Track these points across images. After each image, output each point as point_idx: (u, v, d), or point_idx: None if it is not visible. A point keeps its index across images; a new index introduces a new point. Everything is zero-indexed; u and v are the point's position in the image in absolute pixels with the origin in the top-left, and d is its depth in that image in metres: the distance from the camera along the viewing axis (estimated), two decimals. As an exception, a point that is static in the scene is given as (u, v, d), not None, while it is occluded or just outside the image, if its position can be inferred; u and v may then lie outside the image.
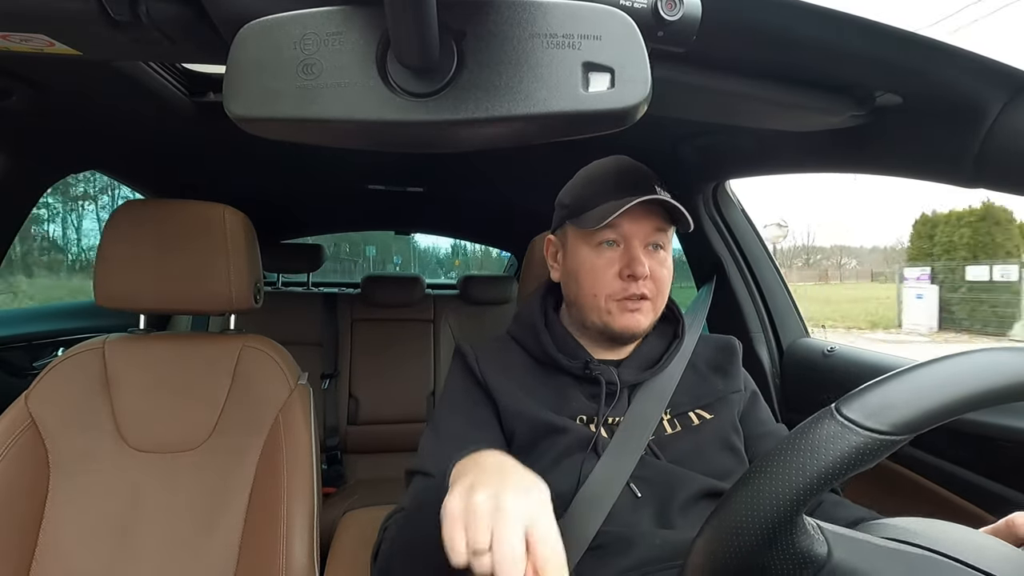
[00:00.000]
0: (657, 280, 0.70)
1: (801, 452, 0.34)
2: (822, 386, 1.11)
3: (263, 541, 0.84)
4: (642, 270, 0.68)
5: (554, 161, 0.81)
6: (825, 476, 0.33)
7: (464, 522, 0.40)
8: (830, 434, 0.33)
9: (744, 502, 0.34)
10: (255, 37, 0.30)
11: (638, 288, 0.69)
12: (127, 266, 0.90)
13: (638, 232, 0.69)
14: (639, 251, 0.69)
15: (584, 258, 0.72)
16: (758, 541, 0.34)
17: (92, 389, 0.89)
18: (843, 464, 0.33)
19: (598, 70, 0.30)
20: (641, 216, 0.69)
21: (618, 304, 0.70)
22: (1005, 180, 0.62)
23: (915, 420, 0.33)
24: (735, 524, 0.34)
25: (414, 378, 1.98)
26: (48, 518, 0.83)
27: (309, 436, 0.92)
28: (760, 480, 0.34)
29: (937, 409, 0.33)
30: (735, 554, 0.34)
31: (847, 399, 0.35)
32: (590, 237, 0.71)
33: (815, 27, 0.51)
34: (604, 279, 0.70)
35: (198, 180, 1.52)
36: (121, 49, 0.52)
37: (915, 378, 0.35)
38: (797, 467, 0.33)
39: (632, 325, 0.70)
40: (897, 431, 0.33)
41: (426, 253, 6.04)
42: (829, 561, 0.35)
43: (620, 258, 0.69)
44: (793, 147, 0.90)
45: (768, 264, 1.30)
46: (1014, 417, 0.75)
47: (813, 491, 0.33)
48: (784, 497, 0.33)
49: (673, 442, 0.69)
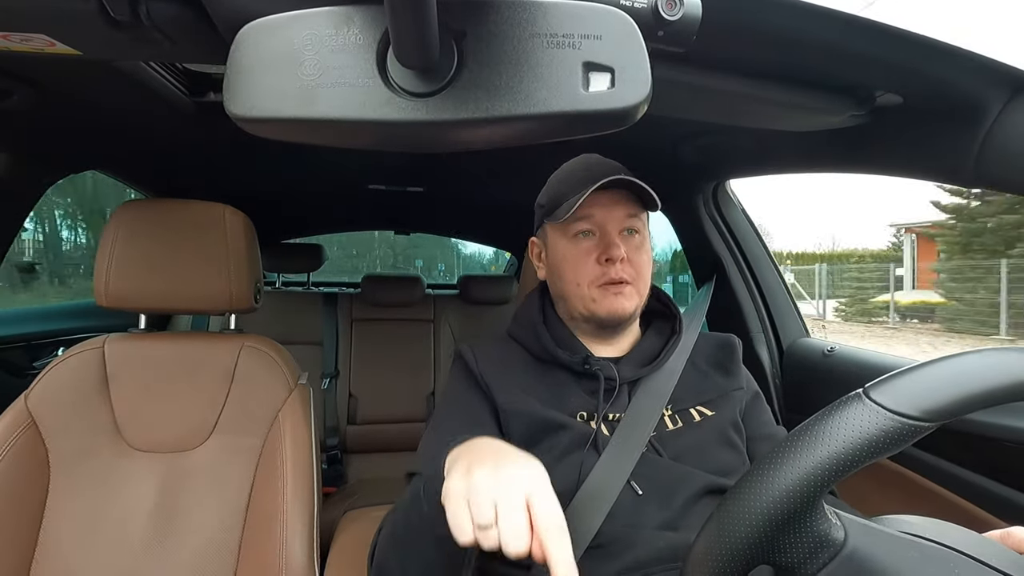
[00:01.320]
0: (636, 264, 0.72)
1: (829, 433, 0.34)
2: (822, 386, 1.11)
3: (263, 541, 0.84)
4: (618, 252, 0.70)
5: (554, 161, 0.81)
6: (852, 458, 0.33)
7: (467, 499, 0.41)
8: (859, 417, 0.34)
9: (768, 480, 0.35)
10: (255, 37, 0.30)
11: (617, 272, 0.70)
12: (127, 266, 0.90)
13: (610, 219, 0.72)
14: (614, 236, 0.72)
15: (563, 250, 0.74)
16: (775, 521, 0.34)
17: (92, 389, 0.89)
18: (871, 447, 0.33)
19: (598, 70, 0.30)
20: (612, 203, 0.71)
21: (600, 290, 0.71)
22: (1005, 180, 0.62)
23: (944, 408, 0.34)
24: (754, 503, 0.35)
25: (414, 378, 1.98)
26: (48, 518, 0.83)
27: (309, 436, 0.92)
28: (786, 458, 0.34)
29: (965, 399, 0.34)
30: (748, 533, 0.34)
31: (876, 384, 0.35)
32: (566, 230, 0.74)
33: (815, 27, 0.51)
34: (584, 267, 0.72)
35: (198, 180, 1.52)
36: (121, 49, 0.52)
37: (944, 368, 0.35)
38: (824, 447, 0.34)
39: (617, 308, 0.71)
40: (927, 417, 0.33)
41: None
42: (845, 546, 0.35)
43: (597, 246, 0.72)
44: (793, 147, 0.90)
45: (768, 264, 1.30)
46: (1015, 417, 0.75)
47: (839, 473, 0.33)
48: (809, 476, 0.33)
49: (674, 438, 0.69)
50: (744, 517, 0.35)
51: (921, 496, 0.89)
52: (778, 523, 0.34)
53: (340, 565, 0.93)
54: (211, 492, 0.88)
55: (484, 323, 2.10)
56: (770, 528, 0.34)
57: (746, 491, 0.35)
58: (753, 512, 0.34)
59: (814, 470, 0.33)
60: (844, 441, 0.33)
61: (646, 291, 0.75)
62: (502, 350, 0.77)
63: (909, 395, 0.34)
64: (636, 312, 0.74)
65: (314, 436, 0.93)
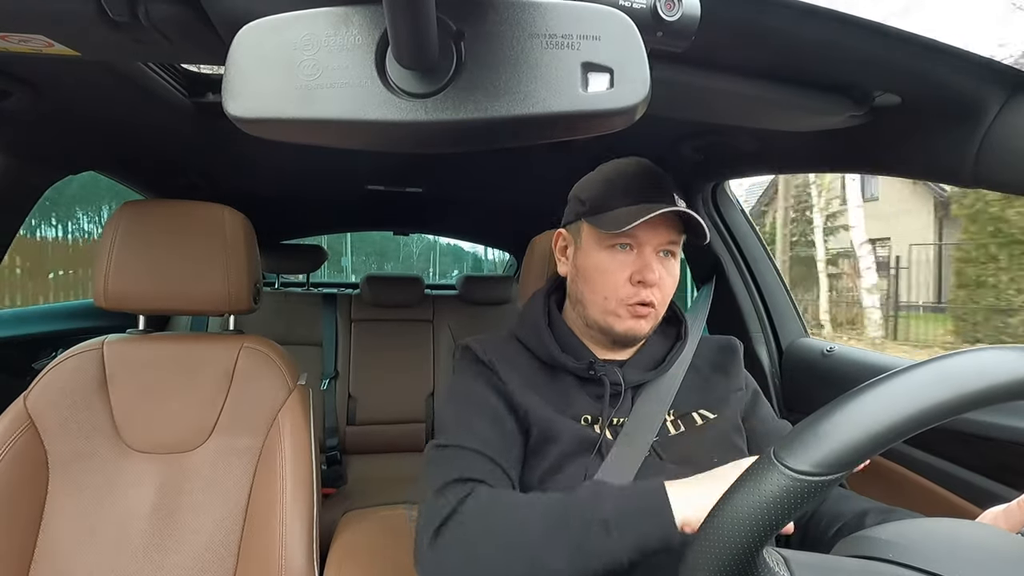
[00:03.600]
0: (664, 288, 0.71)
1: (740, 500, 0.33)
2: (822, 386, 1.11)
3: (262, 541, 0.84)
4: (653, 277, 0.68)
5: (553, 161, 0.81)
6: (768, 524, 0.32)
7: None
8: (769, 481, 0.32)
9: (699, 553, 0.34)
10: (254, 37, 0.30)
11: (646, 295, 0.69)
12: (126, 267, 0.90)
13: (652, 239, 0.69)
14: (652, 258, 0.69)
15: (597, 258, 0.71)
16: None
17: (91, 390, 0.89)
18: (781, 511, 0.32)
19: (597, 70, 0.30)
20: (658, 224, 0.68)
21: (626, 309, 0.70)
22: (1003, 180, 0.62)
23: (840, 460, 0.32)
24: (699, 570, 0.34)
25: (413, 379, 1.98)
26: (47, 519, 0.83)
27: (308, 436, 0.92)
28: (710, 531, 0.34)
29: (861, 447, 0.32)
30: None
31: (784, 441, 0.34)
32: (605, 239, 0.71)
33: (814, 27, 0.51)
34: (615, 282, 0.70)
35: (198, 180, 1.52)
36: (120, 50, 0.52)
37: (839, 415, 0.34)
38: (739, 518, 0.33)
39: (635, 330, 0.71)
40: (826, 472, 0.32)
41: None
42: None
43: (633, 263, 0.70)
44: (792, 147, 0.90)
45: (768, 264, 1.30)
46: (1017, 417, 0.75)
47: (760, 538, 0.32)
48: (732, 548, 0.32)
49: (677, 443, 0.69)
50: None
51: (923, 497, 0.88)
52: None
53: (339, 566, 0.93)
54: (210, 493, 0.88)
55: (484, 323, 2.10)
56: None
57: (690, 559, 0.35)
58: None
59: (735, 542, 0.32)
60: (755, 508, 0.32)
61: (663, 313, 0.74)
62: (507, 349, 0.76)
63: (805, 449, 0.32)
64: (650, 333, 0.74)
65: (313, 437, 0.93)
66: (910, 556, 0.35)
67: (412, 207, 2.02)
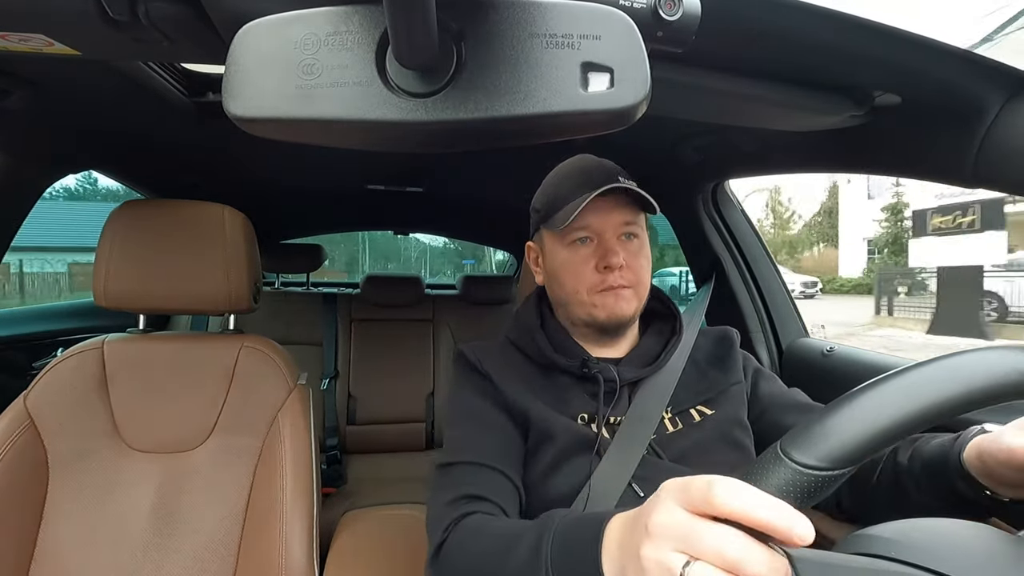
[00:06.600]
0: (634, 268, 0.72)
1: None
2: (821, 386, 1.11)
3: (262, 541, 0.84)
4: (616, 260, 0.69)
5: (553, 161, 0.81)
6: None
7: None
8: (777, 474, 0.33)
9: None
10: (254, 37, 0.30)
11: (616, 279, 0.70)
12: (126, 266, 0.90)
13: (608, 225, 0.71)
14: (613, 243, 0.71)
15: (561, 258, 0.74)
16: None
17: (91, 389, 0.89)
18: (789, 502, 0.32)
19: (597, 70, 0.30)
20: (609, 208, 0.71)
21: (600, 295, 0.71)
22: (1003, 180, 0.62)
23: (849, 454, 0.32)
24: None
25: (413, 378, 1.98)
26: (47, 518, 0.83)
27: (308, 436, 0.92)
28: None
29: (870, 441, 0.33)
30: None
31: (790, 436, 0.34)
32: (563, 237, 0.73)
33: (814, 27, 0.51)
34: (583, 274, 0.71)
35: (198, 180, 1.52)
36: (120, 49, 0.52)
37: (850, 409, 0.34)
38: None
39: (617, 311, 0.71)
40: (834, 466, 0.32)
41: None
42: None
43: (595, 252, 0.71)
44: (792, 147, 0.90)
45: (767, 264, 1.30)
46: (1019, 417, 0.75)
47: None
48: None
49: (675, 440, 0.69)
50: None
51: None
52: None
53: (339, 565, 0.93)
54: (210, 492, 0.88)
55: (484, 323, 2.10)
56: None
57: None
58: None
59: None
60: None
61: (645, 294, 0.74)
62: (502, 354, 0.77)
63: (815, 445, 0.33)
64: (636, 315, 0.74)
65: (313, 436, 0.93)
66: (914, 554, 0.35)
67: (412, 207, 2.02)
